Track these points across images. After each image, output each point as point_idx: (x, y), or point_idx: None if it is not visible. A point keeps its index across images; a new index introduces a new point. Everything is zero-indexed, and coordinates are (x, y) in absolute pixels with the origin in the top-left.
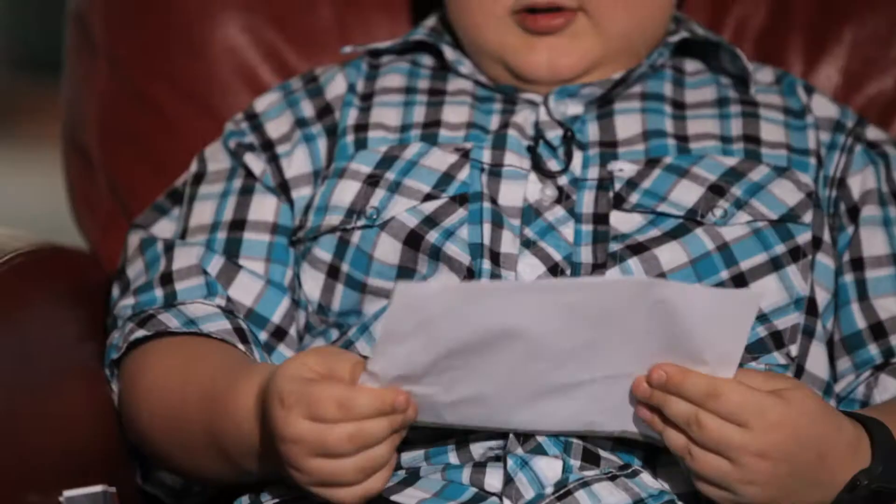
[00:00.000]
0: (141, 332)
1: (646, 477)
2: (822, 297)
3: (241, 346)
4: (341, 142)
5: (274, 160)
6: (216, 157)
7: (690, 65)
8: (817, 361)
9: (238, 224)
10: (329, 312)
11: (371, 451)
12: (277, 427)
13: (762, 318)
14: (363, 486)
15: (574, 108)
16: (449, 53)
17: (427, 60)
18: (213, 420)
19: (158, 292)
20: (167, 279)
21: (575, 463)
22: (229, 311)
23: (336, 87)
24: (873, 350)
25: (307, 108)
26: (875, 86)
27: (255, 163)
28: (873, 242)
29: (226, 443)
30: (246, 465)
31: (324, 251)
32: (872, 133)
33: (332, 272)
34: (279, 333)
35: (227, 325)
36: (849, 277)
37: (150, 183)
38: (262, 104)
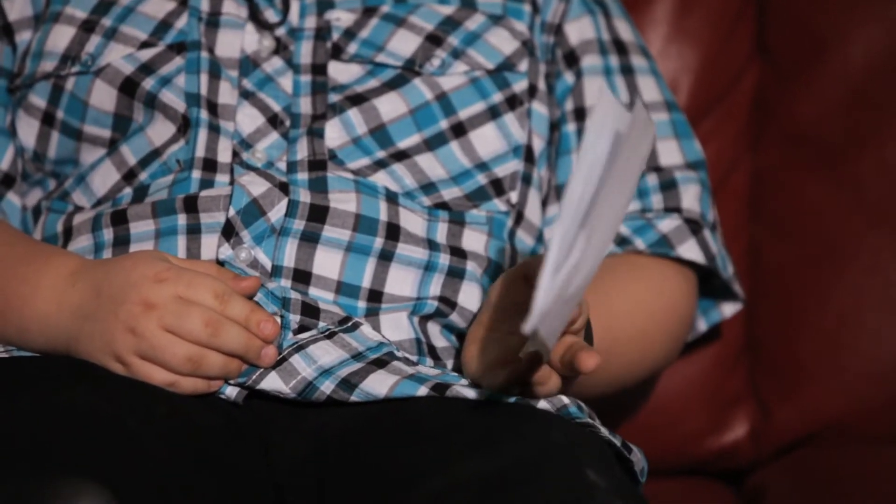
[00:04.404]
0: None
1: (366, 329)
2: (538, 145)
3: None
4: None
5: None
6: None
7: None
8: (534, 208)
9: None
10: (45, 160)
11: (209, 354)
12: (142, 290)
13: (482, 166)
14: (178, 378)
15: None
16: None
17: None
18: None
19: None
20: None
21: (294, 318)
22: None
23: None
24: None
25: None
26: None
27: None
28: (595, 92)
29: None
30: (19, 337)
31: (38, 98)
32: None
33: (47, 119)
34: (7, 181)
35: None
36: (571, 127)
37: None
38: None
